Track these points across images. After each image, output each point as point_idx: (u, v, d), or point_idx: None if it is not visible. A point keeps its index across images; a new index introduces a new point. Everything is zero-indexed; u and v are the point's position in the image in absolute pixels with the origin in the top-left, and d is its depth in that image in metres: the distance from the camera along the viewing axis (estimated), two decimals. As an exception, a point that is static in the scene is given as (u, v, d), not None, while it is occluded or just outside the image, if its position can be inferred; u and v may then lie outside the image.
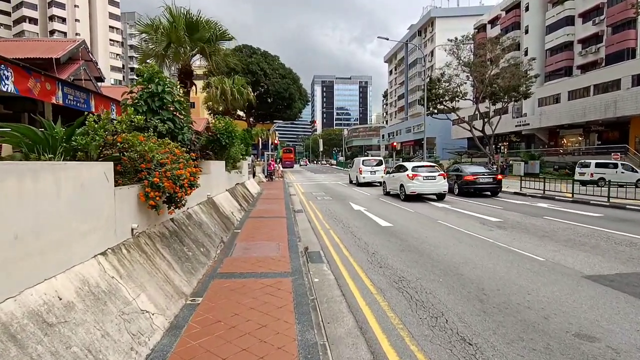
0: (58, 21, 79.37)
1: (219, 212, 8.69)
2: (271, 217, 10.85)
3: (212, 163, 9.30)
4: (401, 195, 16.14)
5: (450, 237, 8.42)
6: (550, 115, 43.83)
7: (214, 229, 7.27)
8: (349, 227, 9.84)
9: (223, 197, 10.24)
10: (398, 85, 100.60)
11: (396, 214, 11.97)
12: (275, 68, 50.09)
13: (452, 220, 10.72)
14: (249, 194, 15.53)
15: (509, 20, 55.51)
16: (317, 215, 12.10)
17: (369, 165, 23.96)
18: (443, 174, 16.35)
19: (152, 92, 6.72)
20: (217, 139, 11.43)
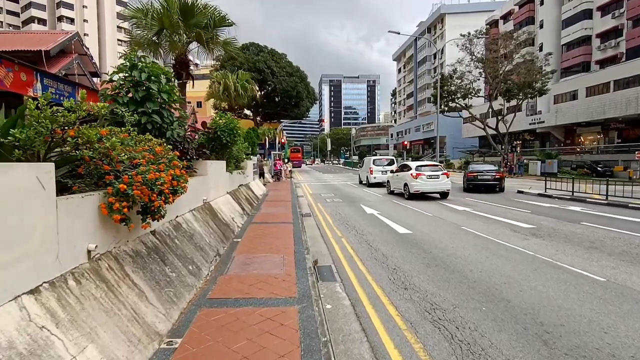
0: (66, 22, 79.45)
1: (216, 218, 7.70)
2: (276, 222, 9.84)
3: (210, 163, 8.31)
4: (405, 194, 16.32)
5: (481, 247, 7.32)
6: (567, 112, 42.24)
7: (208, 240, 6.27)
8: (363, 235, 8.79)
9: (223, 201, 9.25)
10: (407, 83, 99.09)
11: (414, 219, 10.88)
12: (282, 66, 49.15)
13: (477, 226, 9.60)
14: (254, 195, 14.55)
15: (522, 15, 53.86)
16: (327, 220, 11.07)
17: (380, 165, 22.84)
18: (446, 173, 15.78)
19: (135, 80, 5.74)
20: (217, 136, 10.46)
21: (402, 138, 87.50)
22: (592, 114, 38.66)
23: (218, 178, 9.13)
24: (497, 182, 18.31)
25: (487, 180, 18.34)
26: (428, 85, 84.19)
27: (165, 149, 4.80)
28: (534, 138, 51.50)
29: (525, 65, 37.59)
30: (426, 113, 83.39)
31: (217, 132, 10.43)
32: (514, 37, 37.63)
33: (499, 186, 18.29)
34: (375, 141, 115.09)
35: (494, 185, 18.27)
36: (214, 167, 8.72)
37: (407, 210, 12.83)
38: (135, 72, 5.72)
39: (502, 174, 19.13)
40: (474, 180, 18.63)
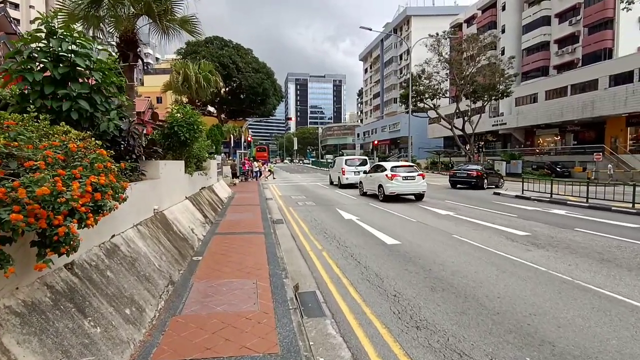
0: (10, 7, 72.51)
1: (171, 232, 6.25)
2: (245, 232, 8.47)
3: (164, 164, 6.82)
4: (380, 196, 15.58)
5: (484, 262, 6.38)
6: (528, 114, 43.51)
7: (158, 264, 4.85)
8: (346, 247, 7.63)
9: (181, 208, 7.77)
10: (373, 83, 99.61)
11: (398, 226, 9.89)
12: (248, 62, 47.23)
13: (468, 234, 8.74)
14: (218, 199, 13.03)
15: (485, 19, 55.16)
16: (301, 228, 9.82)
17: (353, 165, 21.88)
18: (422, 174, 15.09)
19: (54, 52, 4.24)
20: (174, 132, 8.93)
21: (368, 138, 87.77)
22: (551, 117, 39.95)
23: (174, 181, 7.64)
24: (478, 180, 20.42)
25: (469, 178, 20.84)
26: (395, 86, 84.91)
27: (90, 145, 3.38)
28: (496, 139, 52.88)
29: (490, 67, 38.22)
30: (392, 113, 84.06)
31: (174, 127, 8.90)
32: (479, 40, 38.11)
33: (481, 183, 20.35)
34: (341, 141, 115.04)
35: (477, 183, 20.44)
36: (169, 169, 7.23)
37: (388, 214, 11.85)
38: (54, 42, 4.21)
39: (481, 173, 20.75)
40: (461, 177, 21.43)
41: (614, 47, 38.30)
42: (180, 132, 8.90)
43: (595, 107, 34.86)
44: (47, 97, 4.23)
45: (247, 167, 30.04)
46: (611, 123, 35.67)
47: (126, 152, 5.83)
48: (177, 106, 9.21)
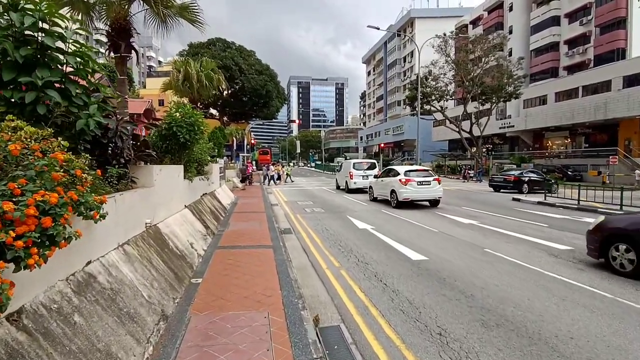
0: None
1: (166, 249, 5.33)
2: (251, 246, 7.54)
3: (159, 169, 5.91)
4: (392, 202, 14.52)
5: (533, 285, 5.42)
6: (536, 117, 42.52)
7: (147, 294, 3.93)
8: (367, 264, 6.69)
9: (179, 220, 6.85)
10: (377, 86, 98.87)
11: (419, 237, 8.94)
12: (251, 64, 46.53)
13: (501, 247, 7.79)
14: (220, 206, 12.11)
15: (491, 20, 54.30)
16: (313, 240, 8.88)
17: (361, 168, 20.94)
18: (438, 179, 14.10)
19: (15, 29, 3.35)
20: (173, 133, 8.04)
21: (371, 141, 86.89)
22: (561, 119, 38.94)
23: (172, 189, 6.73)
24: (514, 184, 20.35)
25: (505, 182, 20.95)
26: (398, 89, 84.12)
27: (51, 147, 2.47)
28: (503, 142, 51.88)
29: (498, 68, 37.33)
30: (396, 116, 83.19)
31: (173, 127, 8.01)
32: (488, 40, 37.21)
33: (519, 187, 20.01)
34: (344, 144, 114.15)
35: (514, 186, 20.27)
36: (166, 175, 6.31)
37: (404, 223, 10.90)
38: (15, 16, 3.31)
39: (517, 178, 20.75)
40: (498, 182, 21.83)
41: (627, 47, 37.34)
42: (179, 133, 8.00)
43: (609, 109, 33.85)
44: (6, 86, 3.34)
45: (251, 171, 29.18)
46: (625, 125, 34.63)
47: (113, 155, 4.93)
48: (177, 105, 8.31)
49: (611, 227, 6.14)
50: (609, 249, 6.05)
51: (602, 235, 6.17)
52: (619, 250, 5.89)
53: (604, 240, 6.12)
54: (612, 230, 6.09)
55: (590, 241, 6.39)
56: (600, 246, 6.17)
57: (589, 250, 6.46)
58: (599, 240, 6.19)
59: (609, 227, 6.17)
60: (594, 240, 6.31)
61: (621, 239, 5.86)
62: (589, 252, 6.45)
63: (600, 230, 6.27)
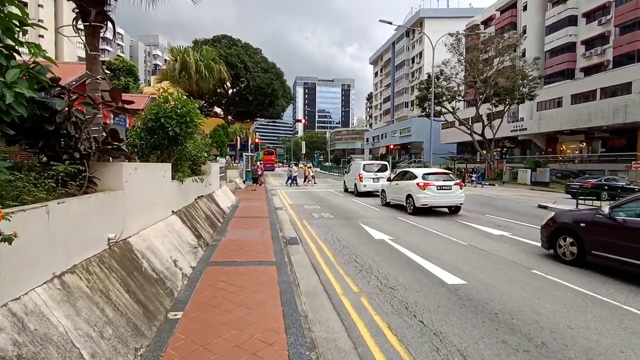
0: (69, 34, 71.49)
1: (137, 272, 4.07)
2: (250, 262, 6.25)
3: (132, 168, 4.64)
4: (408, 208, 13.27)
5: (623, 330, 4.11)
6: (551, 120, 41.05)
7: (90, 351, 2.65)
8: (393, 290, 5.38)
9: (161, 230, 5.58)
10: (384, 87, 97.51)
11: (447, 251, 7.62)
12: (257, 61, 45.42)
13: (551, 268, 6.46)
14: (219, 210, 10.86)
15: (504, 20, 52.80)
16: (323, 253, 7.59)
17: (371, 170, 19.64)
18: (459, 183, 12.79)
19: None
20: (161, 125, 6.80)
21: (378, 143, 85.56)
22: (577, 122, 37.46)
23: (152, 192, 5.46)
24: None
25: (582, 189, 18.70)
26: (406, 90, 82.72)
27: None
28: (514, 145, 50.37)
29: (512, 69, 35.88)
30: (403, 118, 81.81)
31: (160, 118, 6.77)
32: (503, 38, 35.75)
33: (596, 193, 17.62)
34: (350, 145, 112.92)
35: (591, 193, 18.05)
36: (144, 175, 5.05)
37: (426, 233, 9.58)
38: None
39: (594, 184, 19.12)
40: (574, 188, 18.84)
41: (649, 48, 35.73)
42: (167, 125, 6.76)
43: (629, 112, 32.33)
44: None
45: (261, 172, 28.21)
46: (645, 129, 33.07)
47: (66, 148, 3.69)
48: (166, 91, 7.08)
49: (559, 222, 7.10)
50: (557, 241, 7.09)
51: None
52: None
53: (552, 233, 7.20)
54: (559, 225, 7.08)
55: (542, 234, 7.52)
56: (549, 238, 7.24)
57: (541, 242, 7.53)
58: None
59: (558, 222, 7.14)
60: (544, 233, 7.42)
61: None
62: (542, 244, 7.50)
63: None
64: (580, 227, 6.52)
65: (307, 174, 31.63)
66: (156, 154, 7.18)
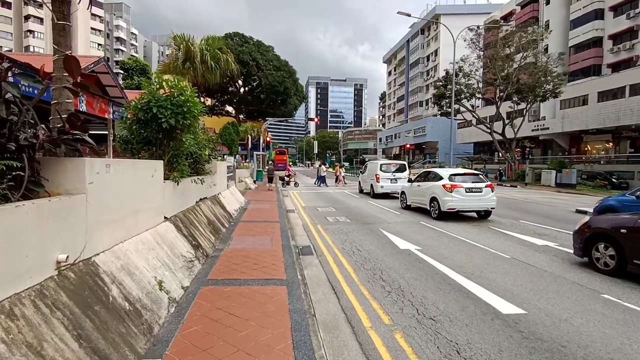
0: (34, 5, 72.30)
1: (99, 305, 3.02)
2: (255, 280, 5.17)
3: (101, 165, 3.60)
4: (432, 212, 12.03)
5: None
6: (575, 118, 39.12)
7: None
8: (434, 321, 4.24)
9: (147, 243, 4.54)
10: (397, 86, 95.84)
11: (487, 265, 6.43)
12: (269, 59, 44.58)
13: (626, 293, 5.23)
14: (224, 214, 9.84)
15: (525, 15, 50.79)
16: (342, 267, 6.47)
17: (389, 171, 18.43)
18: (491, 185, 11.46)
19: None
20: (154, 115, 5.79)
21: (391, 142, 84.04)
22: (605, 121, 35.51)
23: (133, 196, 4.41)
24: None
25: None
26: (420, 88, 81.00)
27: None
28: (535, 145, 48.39)
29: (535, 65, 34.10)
30: (418, 117, 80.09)
31: (152, 108, 5.76)
32: (527, 32, 33.99)
33: None
34: (362, 145, 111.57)
35: None
36: (119, 175, 4.01)
37: (458, 242, 8.37)
38: None
39: None
40: None
41: (684, 42, 33.60)
42: (161, 115, 5.74)
43: (662, 111, 30.39)
44: None
45: (290, 172, 27.81)
46: (680, 128, 31.00)
47: None
48: (159, 78, 6.07)
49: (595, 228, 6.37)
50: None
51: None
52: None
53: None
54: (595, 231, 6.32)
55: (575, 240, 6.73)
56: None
57: (574, 249, 6.79)
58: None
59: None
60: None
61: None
62: (575, 251, 6.75)
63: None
64: (620, 233, 5.85)
65: (339, 174, 30.65)
66: (149, 150, 6.19)
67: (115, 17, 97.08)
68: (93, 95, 9.65)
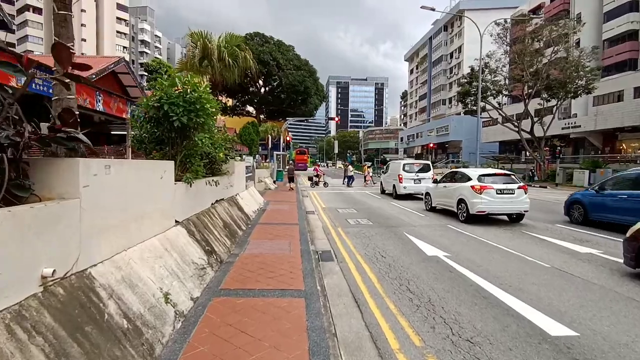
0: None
1: (90, 325, 2.67)
2: (271, 290, 4.76)
3: (99, 166, 3.26)
4: (460, 215, 11.32)
5: None
6: (609, 115, 37.19)
7: None
8: (471, 343, 3.69)
9: (154, 249, 4.21)
10: (420, 84, 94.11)
11: (525, 275, 5.80)
12: (289, 59, 44.43)
13: (692, 311, 4.54)
14: (242, 215, 9.51)
15: (555, 8, 48.64)
16: (365, 275, 5.98)
17: (412, 171, 17.76)
18: (524, 186, 10.65)
19: None
20: (165, 113, 5.49)
21: (413, 142, 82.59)
22: (642, 118, 33.52)
23: (138, 199, 4.08)
24: None
25: None
26: (443, 86, 79.22)
27: None
28: (565, 144, 46.30)
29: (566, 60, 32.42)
30: (440, 116, 78.35)
31: (164, 105, 5.45)
32: (559, 25, 32.37)
33: None
34: (383, 145, 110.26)
35: None
36: (122, 176, 3.66)
37: (490, 248, 7.73)
38: None
39: None
40: None
41: None
42: (172, 114, 5.43)
43: None
44: None
45: (318, 171, 27.70)
46: None
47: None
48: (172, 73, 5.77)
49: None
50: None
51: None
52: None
53: None
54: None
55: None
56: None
57: (624, 258, 6.04)
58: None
59: None
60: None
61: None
62: (625, 260, 6.01)
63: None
64: None
65: (367, 173, 30.20)
66: (161, 150, 5.89)
67: (140, 20, 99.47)
68: (110, 95, 9.51)
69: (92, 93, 8.79)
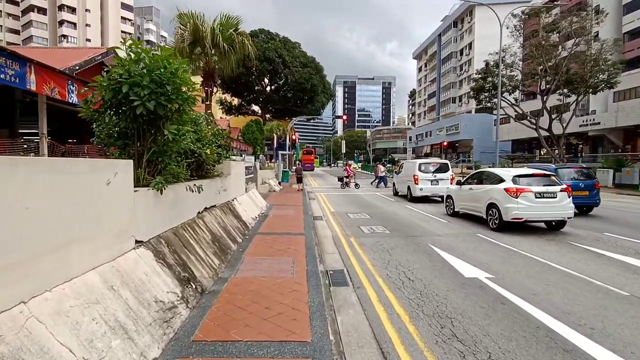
0: (67, 11, 74.42)
1: None
2: (263, 344, 3.36)
3: None
4: (491, 222, 9.75)
5: None
6: (632, 112, 35.35)
7: None
8: None
9: (80, 295, 2.83)
10: (428, 83, 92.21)
11: (605, 309, 4.35)
12: (295, 56, 43.07)
13: None
14: (238, 225, 8.12)
15: (571, 1, 46.56)
16: (391, 310, 4.54)
17: (428, 171, 16.26)
18: (567, 189, 9.02)
19: None
20: (125, 96, 4.11)
21: (422, 141, 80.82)
22: (668, 114, 31.58)
23: (60, 217, 2.71)
24: None
25: None
26: (453, 84, 77.27)
27: None
28: (583, 142, 44.33)
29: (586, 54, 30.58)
30: (450, 114, 76.45)
31: (123, 87, 4.07)
32: (581, 16, 30.56)
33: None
34: (391, 145, 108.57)
35: None
36: (24, 185, 2.31)
37: (541, 267, 6.24)
38: None
39: None
40: None
41: None
42: (134, 97, 4.05)
43: None
44: None
45: (350, 173, 25.81)
46: None
47: None
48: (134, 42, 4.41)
49: None
50: None
51: None
52: None
53: None
54: None
55: None
56: None
57: None
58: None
59: None
60: None
61: None
62: None
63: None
64: None
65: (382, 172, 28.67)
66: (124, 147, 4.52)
67: (145, 20, 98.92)
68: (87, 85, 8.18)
69: (62, 83, 7.40)
